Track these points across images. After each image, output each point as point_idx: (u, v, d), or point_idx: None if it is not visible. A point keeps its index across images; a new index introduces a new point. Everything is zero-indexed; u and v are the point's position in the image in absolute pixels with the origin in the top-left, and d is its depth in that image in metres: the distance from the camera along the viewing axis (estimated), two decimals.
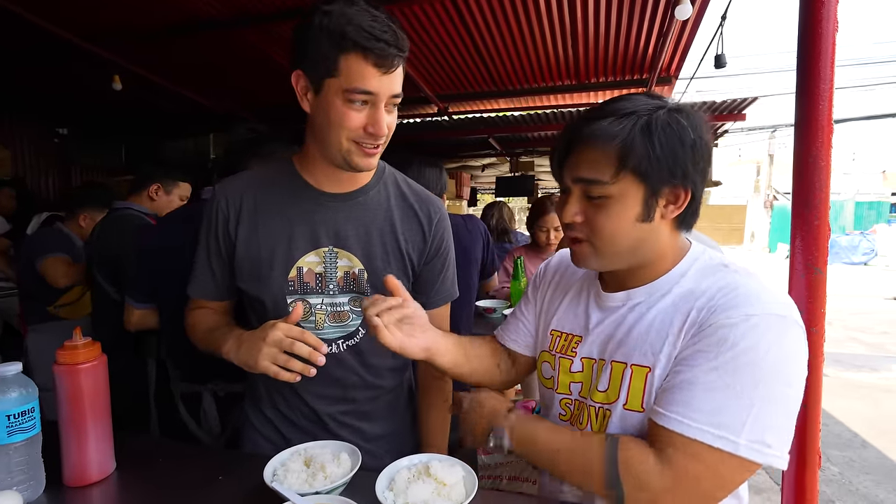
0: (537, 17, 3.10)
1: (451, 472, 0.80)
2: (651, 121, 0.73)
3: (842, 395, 4.31)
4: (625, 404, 0.79)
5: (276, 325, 0.85)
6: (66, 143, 5.90)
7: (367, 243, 1.01)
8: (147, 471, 0.93)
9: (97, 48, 3.36)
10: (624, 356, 0.80)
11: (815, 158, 1.00)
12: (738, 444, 0.67)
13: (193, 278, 1.07)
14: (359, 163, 0.92)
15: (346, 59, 0.83)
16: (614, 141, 0.73)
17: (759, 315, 0.70)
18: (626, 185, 0.74)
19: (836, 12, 0.95)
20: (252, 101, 4.80)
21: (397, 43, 0.84)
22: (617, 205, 0.75)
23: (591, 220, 0.78)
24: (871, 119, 13.66)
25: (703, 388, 0.69)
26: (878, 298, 9.49)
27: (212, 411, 1.47)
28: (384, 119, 0.88)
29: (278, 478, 0.81)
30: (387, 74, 0.85)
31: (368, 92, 0.85)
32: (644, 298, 0.82)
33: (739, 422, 0.67)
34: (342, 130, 0.88)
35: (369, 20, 0.82)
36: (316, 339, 0.85)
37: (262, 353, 0.83)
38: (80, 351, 0.85)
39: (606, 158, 0.74)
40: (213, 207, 1.02)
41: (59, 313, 2.52)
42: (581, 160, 0.77)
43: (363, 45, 0.82)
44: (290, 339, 0.84)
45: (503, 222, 3.85)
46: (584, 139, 0.76)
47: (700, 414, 0.69)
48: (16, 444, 0.78)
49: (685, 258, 0.83)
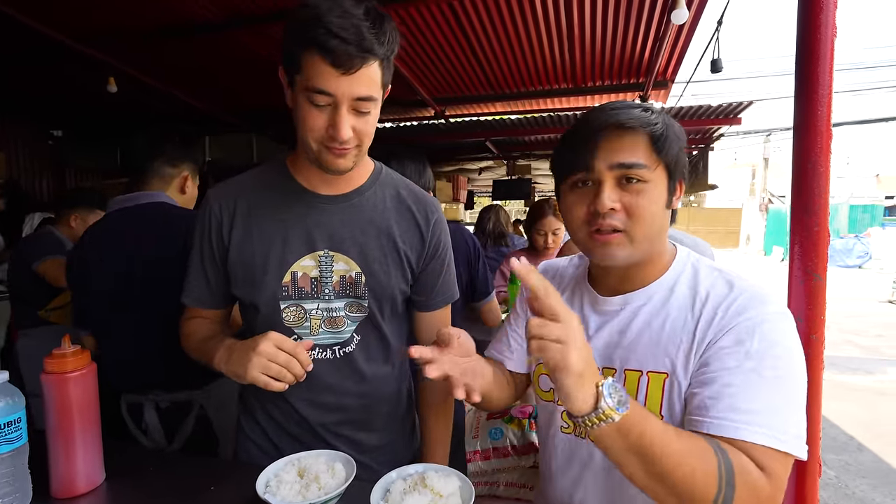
0: (534, 21, 3.10)
1: (448, 482, 0.79)
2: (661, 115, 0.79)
3: (837, 398, 4.32)
4: None
5: (268, 335, 0.83)
6: (61, 145, 5.87)
7: (363, 246, 0.99)
8: (137, 481, 0.91)
9: (91, 50, 3.34)
10: (638, 364, 0.79)
11: (815, 164, 1.00)
12: (786, 441, 0.67)
13: (187, 286, 1.04)
14: (328, 164, 0.89)
15: (307, 57, 0.80)
16: (653, 128, 0.76)
17: (773, 314, 0.73)
18: (660, 171, 0.78)
19: (834, 18, 0.95)
20: (247, 103, 4.78)
21: (360, 43, 0.79)
22: (654, 189, 0.77)
23: (630, 205, 0.76)
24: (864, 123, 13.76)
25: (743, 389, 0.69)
26: (873, 301, 9.54)
27: (153, 422, 1.40)
28: (345, 122, 0.84)
29: (271, 489, 0.79)
30: (346, 75, 0.80)
31: (326, 93, 0.81)
32: (643, 302, 0.82)
33: (782, 418, 0.68)
34: (307, 131, 0.86)
35: (336, 16, 0.78)
36: (307, 356, 0.85)
37: (252, 364, 0.81)
38: (68, 359, 0.83)
39: (646, 145, 0.76)
40: (206, 212, 1.00)
41: (50, 317, 2.49)
42: (620, 146, 0.77)
43: (320, 43, 0.78)
44: (285, 355, 0.82)
45: (500, 226, 3.83)
46: (622, 125, 0.76)
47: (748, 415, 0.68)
48: (1, 456, 0.76)
49: (676, 261, 0.85)
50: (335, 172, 0.92)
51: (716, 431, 0.68)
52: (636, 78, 4.10)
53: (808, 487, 1.08)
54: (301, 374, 0.84)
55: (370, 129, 0.89)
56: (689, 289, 0.80)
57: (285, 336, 0.85)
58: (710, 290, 0.78)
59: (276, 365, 0.82)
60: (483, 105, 4.89)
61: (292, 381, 0.83)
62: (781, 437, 0.67)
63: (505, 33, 3.27)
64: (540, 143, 6.07)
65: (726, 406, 0.69)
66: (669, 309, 0.80)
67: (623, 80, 4.17)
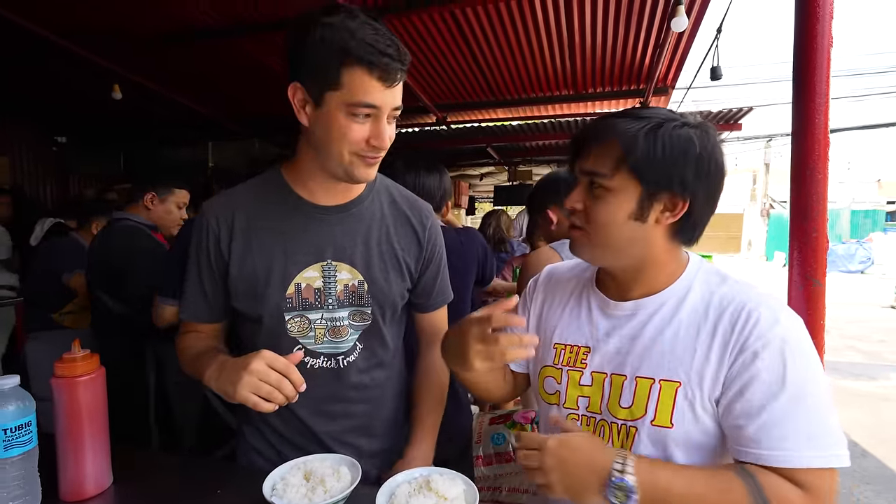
0: (535, 28, 3.13)
1: (452, 485, 0.80)
2: (660, 126, 0.76)
3: (840, 404, 4.31)
4: (652, 420, 0.78)
5: (260, 354, 0.82)
6: (65, 151, 5.91)
7: (365, 254, 1.00)
8: (144, 485, 0.92)
9: (96, 56, 3.38)
10: (650, 371, 0.80)
11: (813, 171, 1.01)
12: (840, 456, 0.70)
13: (184, 301, 1.04)
14: (360, 174, 0.92)
15: (350, 73, 0.83)
16: (618, 137, 0.77)
17: (793, 328, 0.75)
18: (624, 181, 0.77)
19: (830, 28, 0.97)
20: (250, 110, 4.82)
21: (400, 57, 0.84)
22: (613, 198, 0.79)
23: (588, 209, 0.82)
24: (865, 129, 13.77)
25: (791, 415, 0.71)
26: (875, 307, 9.51)
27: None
28: (387, 131, 0.88)
29: (277, 492, 0.80)
30: (390, 88, 0.85)
31: (373, 105, 0.85)
32: (655, 309, 0.83)
33: (829, 435, 0.71)
34: (344, 143, 0.88)
35: (372, 33, 0.82)
36: (298, 375, 0.83)
37: (243, 383, 0.80)
38: (78, 363, 0.84)
39: (609, 153, 0.78)
40: (202, 226, 0.99)
41: (64, 321, 2.51)
42: (590, 153, 0.81)
43: (368, 60, 0.81)
44: (276, 375, 0.81)
45: (501, 231, 3.86)
46: (595, 134, 0.80)
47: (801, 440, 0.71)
48: (12, 459, 0.77)
49: (687, 269, 0.85)
50: (362, 181, 0.95)
51: (772, 463, 0.71)
52: (637, 84, 4.13)
53: None
54: (293, 395, 0.83)
55: (394, 136, 0.93)
56: (701, 297, 0.81)
57: (277, 354, 0.83)
58: (727, 298, 0.79)
59: (267, 385, 0.80)
60: (484, 111, 4.92)
61: (283, 403, 0.82)
62: (825, 454, 0.70)
63: (506, 40, 3.30)
64: (541, 149, 6.10)
65: (777, 436, 0.71)
66: (682, 317, 0.80)
67: (624, 87, 4.20)
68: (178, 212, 2.27)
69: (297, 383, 0.83)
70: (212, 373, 0.88)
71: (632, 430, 0.80)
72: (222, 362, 0.88)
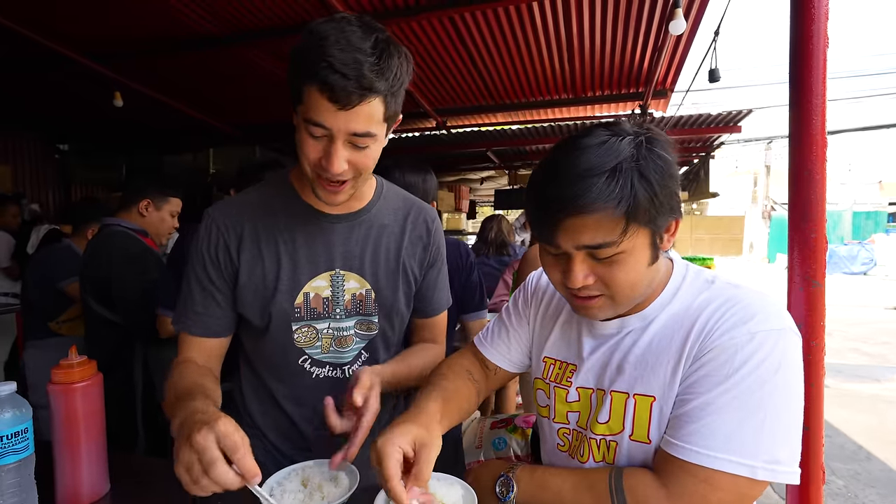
0: (534, 33, 3.14)
1: (451, 490, 0.79)
2: (642, 167, 0.68)
3: (844, 406, 4.28)
4: (630, 435, 0.77)
5: (212, 426, 0.65)
6: (67, 158, 5.94)
7: (373, 263, 1.00)
8: (141, 491, 0.92)
9: (97, 64, 3.40)
10: (625, 386, 0.78)
11: (811, 172, 1.01)
12: (755, 467, 0.66)
13: (192, 315, 0.96)
14: (324, 197, 0.89)
15: (308, 89, 0.79)
16: (618, 204, 0.67)
17: (761, 332, 0.70)
18: (635, 237, 0.70)
19: (826, 29, 0.97)
20: (250, 116, 4.84)
21: (359, 79, 0.76)
22: (630, 257, 0.72)
23: (605, 277, 0.73)
24: (866, 130, 13.78)
25: (715, 414, 0.69)
26: (878, 308, 9.47)
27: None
28: (338, 156, 0.82)
29: (275, 498, 0.80)
30: (344, 111, 0.78)
31: (322, 126, 0.80)
32: (638, 324, 0.81)
33: (753, 444, 0.67)
34: (304, 160, 0.85)
35: (339, 49, 0.75)
36: (251, 464, 0.66)
37: (180, 459, 0.65)
38: (75, 370, 0.84)
39: (612, 221, 0.68)
40: (209, 234, 0.96)
41: (61, 329, 2.51)
42: (582, 226, 0.69)
43: (320, 78, 0.76)
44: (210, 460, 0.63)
45: (502, 235, 3.85)
46: (582, 207, 0.68)
47: (715, 441, 0.68)
48: (8, 466, 0.76)
49: (673, 278, 0.82)
50: (328, 204, 0.91)
51: (679, 454, 0.70)
52: (636, 87, 4.14)
53: (811, 495, 1.07)
54: (230, 486, 0.64)
55: (369, 162, 0.87)
56: (683, 304, 0.78)
57: (236, 429, 0.67)
58: (702, 305, 0.75)
59: (203, 473, 0.63)
60: (484, 116, 4.94)
61: (208, 494, 0.65)
62: (748, 463, 0.66)
63: (505, 45, 3.32)
64: (541, 153, 6.09)
65: (690, 430, 0.69)
66: (658, 328, 0.78)
67: (623, 90, 4.21)
68: (171, 220, 2.26)
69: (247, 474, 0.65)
70: (175, 426, 0.73)
71: (612, 444, 0.79)
72: (185, 419, 0.71)
